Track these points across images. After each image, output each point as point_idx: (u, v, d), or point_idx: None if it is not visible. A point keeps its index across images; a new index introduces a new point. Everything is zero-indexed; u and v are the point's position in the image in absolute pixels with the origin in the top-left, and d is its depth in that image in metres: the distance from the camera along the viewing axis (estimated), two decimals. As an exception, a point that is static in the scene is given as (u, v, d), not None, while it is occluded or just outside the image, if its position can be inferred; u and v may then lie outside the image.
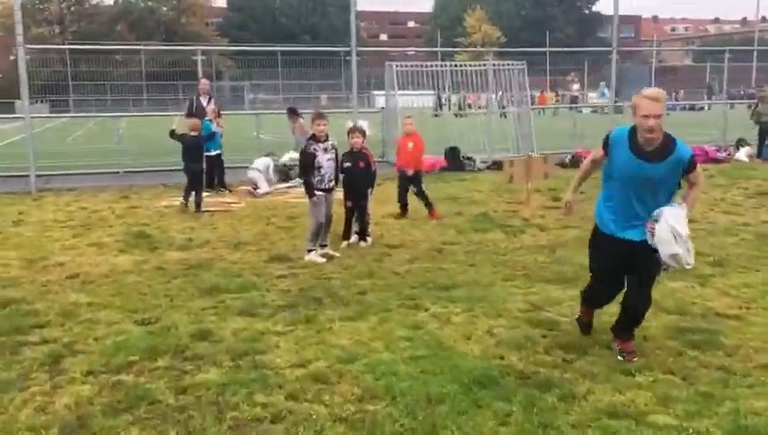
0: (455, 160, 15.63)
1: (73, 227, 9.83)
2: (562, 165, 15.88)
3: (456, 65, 17.23)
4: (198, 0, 72.82)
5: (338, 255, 7.93)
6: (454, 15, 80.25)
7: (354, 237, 8.64)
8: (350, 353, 5.03)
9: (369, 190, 8.75)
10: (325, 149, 7.91)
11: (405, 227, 9.49)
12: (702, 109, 44.62)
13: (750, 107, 19.21)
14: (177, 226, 9.89)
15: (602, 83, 58.50)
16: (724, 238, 8.59)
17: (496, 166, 15.84)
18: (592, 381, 4.54)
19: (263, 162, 13.32)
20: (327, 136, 7.96)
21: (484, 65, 17.35)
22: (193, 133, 11.41)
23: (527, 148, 17.35)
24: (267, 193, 12.83)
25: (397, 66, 16.76)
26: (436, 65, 17.44)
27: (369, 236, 8.63)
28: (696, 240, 8.49)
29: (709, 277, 6.87)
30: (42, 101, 43.73)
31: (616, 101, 20.03)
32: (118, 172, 15.81)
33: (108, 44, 48.08)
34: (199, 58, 14.55)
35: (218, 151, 13.03)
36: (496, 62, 17.25)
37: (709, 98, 50.73)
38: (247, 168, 13.52)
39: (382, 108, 18.27)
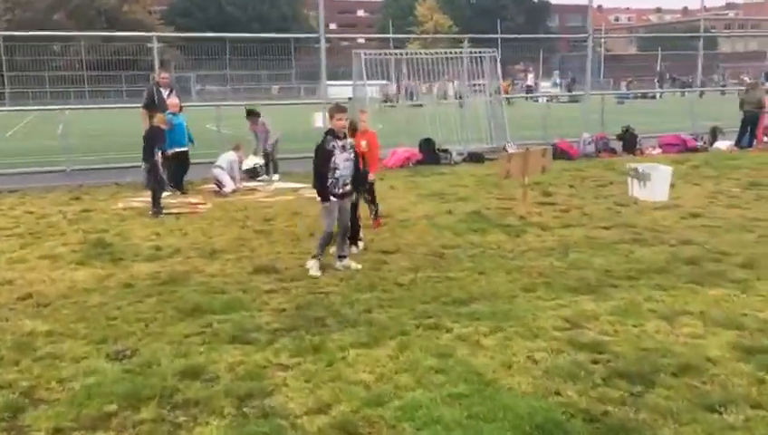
0: (430, 153, 14.85)
1: (20, 236, 8.70)
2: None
3: (429, 53, 16.39)
4: (141, -13, 70.21)
5: (359, 266, 6.99)
6: (404, 4, 79.47)
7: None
8: (377, 393, 4.20)
9: (360, 189, 7.84)
10: (343, 147, 6.89)
11: (395, 228, 8.67)
12: (653, 97, 45.01)
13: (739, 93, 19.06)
14: (141, 231, 8.86)
15: (556, 72, 58.96)
16: (741, 235, 8.03)
17: (472, 158, 15.18)
18: (675, 422, 3.81)
19: (226, 158, 12.29)
20: (346, 133, 6.99)
21: (460, 53, 16.57)
22: (163, 126, 10.38)
23: (501, 138, 16.72)
24: (234, 191, 11.85)
25: (366, 54, 15.86)
26: (408, 53, 16.56)
27: (360, 240, 7.79)
28: (714, 238, 8.07)
29: (746, 282, 6.26)
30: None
31: (569, 89, 19.52)
32: (65, 170, 14.53)
33: (47, 33, 45.74)
34: (155, 46, 13.33)
35: (187, 147, 11.97)
36: (473, 50, 16.49)
37: (660, 86, 51.20)
38: (210, 164, 12.50)
39: (350, 98, 17.34)
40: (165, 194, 11.52)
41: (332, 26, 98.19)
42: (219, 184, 11.92)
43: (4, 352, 4.93)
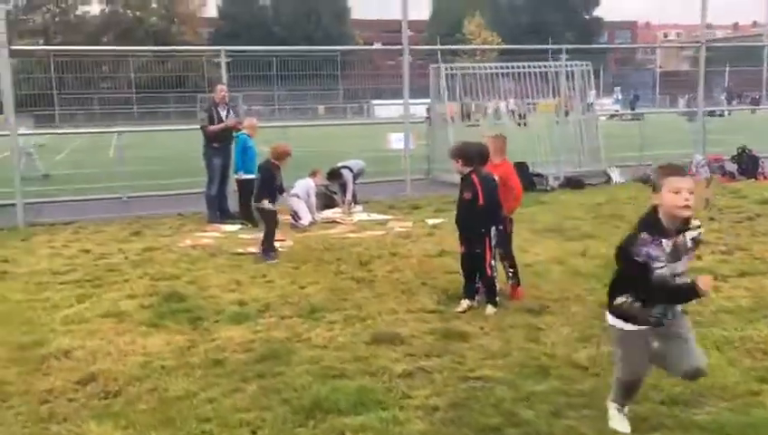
0: (524, 178, 13.16)
1: (78, 283, 7.32)
2: (645, 180, 13.53)
3: (517, 66, 14.80)
4: (189, 9, 70.35)
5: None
6: (451, 22, 78.11)
7: (476, 299, 6.21)
8: None
9: (483, 231, 6.27)
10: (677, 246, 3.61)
11: (527, 276, 7.01)
12: (721, 115, 42.61)
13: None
14: (217, 278, 7.41)
15: (617, 88, 56.87)
16: None
17: (570, 184, 13.51)
18: None
19: (303, 186, 10.84)
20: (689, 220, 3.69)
21: (553, 66, 14.97)
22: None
23: (595, 161, 15.03)
24: (312, 223, 10.39)
25: (446, 69, 14.37)
26: (493, 66, 14.99)
27: (493, 301, 6.16)
28: None
29: None
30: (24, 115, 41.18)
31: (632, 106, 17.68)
32: (120, 198, 13.29)
33: (96, 51, 45.59)
34: (223, 61, 11.97)
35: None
36: (568, 63, 14.87)
37: (729, 102, 48.73)
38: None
39: (427, 117, 15.86)
40: (233, 228, 10.17)
41: (377, 45, 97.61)
42: (295, 216, 10.47)
43: (64, 485, 3.46)
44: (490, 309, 6.02)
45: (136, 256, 8.62)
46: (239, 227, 10.34)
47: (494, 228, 6.25)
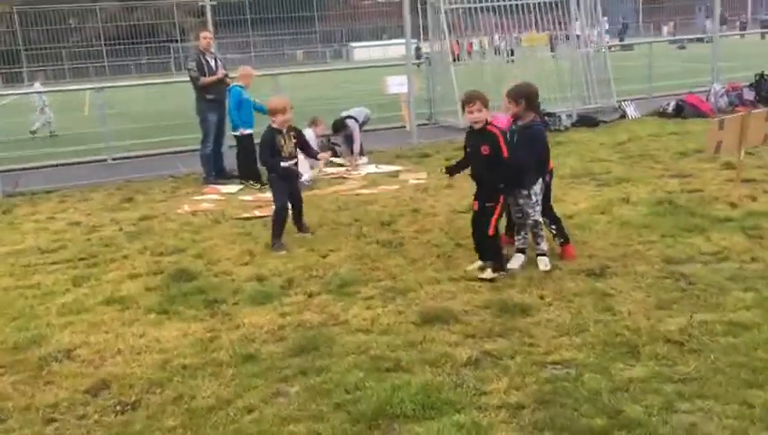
0: (535, 119, 12.41)
1: (71, 263, 6.54)
2: (664, 114, 12.85)
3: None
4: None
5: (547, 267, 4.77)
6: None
7: (478, 263, 5.58)
8: None
9: (501, 187, 5.45)
10: None
11: (570, 230, 6.34)
12: (710, 41, 41.59)
13: None
14: (227, 249, 6.65)
15: (604, 19, 55.48)
16: None
17: (583, 122, 12.74)
18: None
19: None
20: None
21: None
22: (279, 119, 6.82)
23: (606, 96, 14.26)
24: (314, 180, 9.58)
25: (446, 5, 13.38)
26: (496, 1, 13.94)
27: (496, 266, 5.44)
28: None
29: None
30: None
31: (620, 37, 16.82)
32: (105, 160, 12.37)
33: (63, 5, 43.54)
34: (207, 3, 10.95)
35: (253, 129, 9.71)
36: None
37: (721, 26, 47.63)
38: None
39: (427, 57, 14.92)
40: (232, 188, 9.37)
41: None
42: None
43: None
44: (488, 273, 5.36)
45: (131, 226, 7.82)
46: (239, 187, 9.53)
47: (540, 181, 5.56)
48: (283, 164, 6.64)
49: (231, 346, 4.45)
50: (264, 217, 7.80)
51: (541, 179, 5.61)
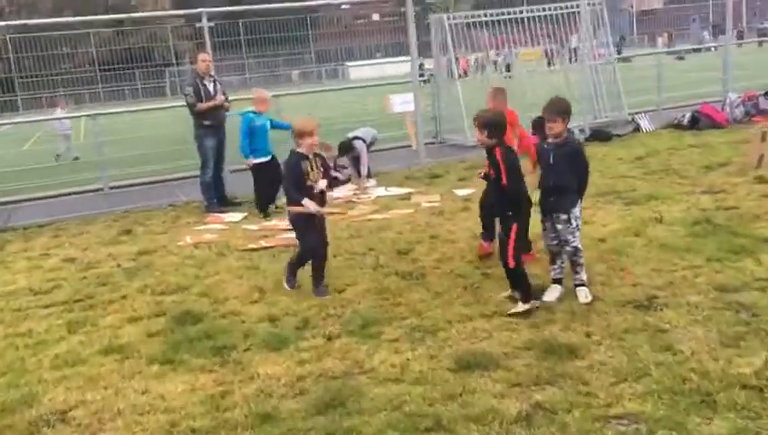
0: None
1: (65, 306, 6.03)
2: (679, 126, 12.43)
3: (535, 10, 13.48)
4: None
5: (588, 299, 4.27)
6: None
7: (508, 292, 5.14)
8: None
9: (509, 214, 5.01)
10: None
11: (603, 252, 5.86)
12: (709, 50, 41.42)
13: None
14: (234, 285, 6.16)
15: (600, 31, 55.31)
16: None
17: (596, 137, 12.32)
18: None
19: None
20: None
21: (577, 6, 13.61)
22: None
23: (617, 108, 13.85)
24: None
25: (449, 20, 12.99)
26: (506, 12, 13.53)
27: (524, 298, 4.99)
28: None
29: None
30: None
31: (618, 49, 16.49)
32: (101, 190, 11.89)
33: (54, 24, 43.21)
34: (205, 25, 10.50)
35: (270, 156, 9.22)
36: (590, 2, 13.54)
37: (715, 37, 47.55)
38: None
39: (431, 75, 14.50)
40: (236, 216, 8.89)
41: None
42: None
43: None
44: (520, 306, 4.91)
45: (130, 261, 7.32)
46: (243, 214, 9.05)
47: (580, 204, 5.11)
48: (307, 206, 5.67)
49: (246, 403, 3.94)
50: (270, 247, 7.33)
51: (580, 201, 5.17)
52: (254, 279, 6.30)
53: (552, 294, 5.14)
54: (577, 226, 5.09)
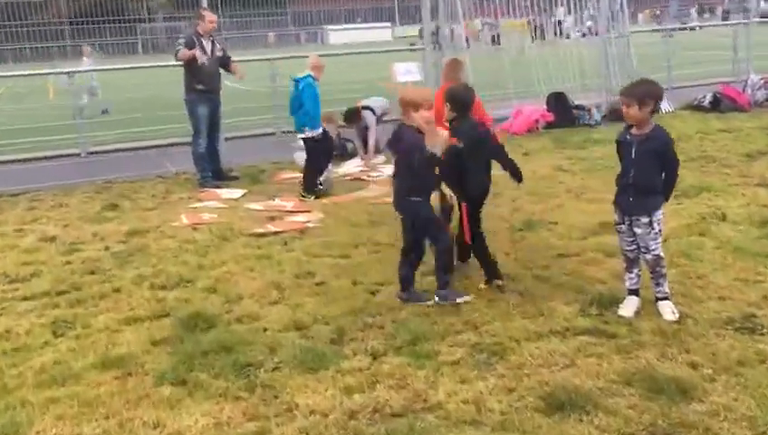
0: (563, 112, 11.25)
1: (48, 299, 5.15)
2: (699, 108, 11.76)
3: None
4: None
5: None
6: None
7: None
8: None
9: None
10: None
11: (673, 258, 5.15)
12: (694, 29, 40.87)
13: None
14: (246, 281, 5.32)
15: (590, 3, 54.48)
16: None
17: (615, 117, 11.56)
18: None
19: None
20: None
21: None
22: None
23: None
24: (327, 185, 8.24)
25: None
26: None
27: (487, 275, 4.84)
28: None
29: None
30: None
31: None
32: (78, 155, 10.87)
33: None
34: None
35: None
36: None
37: (700, 16, 47.03)
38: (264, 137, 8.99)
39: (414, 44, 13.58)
40: (234, 193, 8.05)
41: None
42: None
43: None
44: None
45: (120, 244, 6.43)
46: (243, 191, 8.17)
47: (660, 211, 4.36)
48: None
49: (291, 453, 3.15)
50: (281, 232, 6.49)
51: (665, 203, 4.43)
52: (268, 272, 5.47)
53: (630, 307, 4.41)
54: (659, 230, 4.34)
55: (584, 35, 18.58)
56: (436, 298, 4.68)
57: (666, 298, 4.37)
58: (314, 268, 5.49)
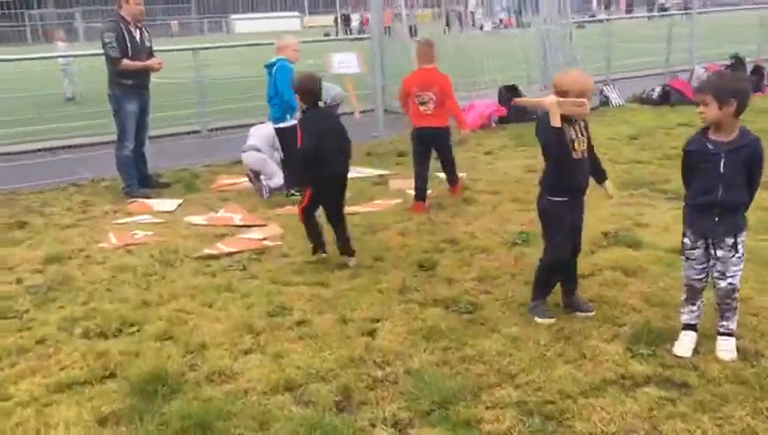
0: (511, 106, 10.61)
1: (16, 337, 3.99)
2: (648, 101, 11.42)
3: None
4: None
5: None
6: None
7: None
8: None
9: None
10: None
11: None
12: (602, 21, 41.65)
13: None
14: (207, 320, 4.29)
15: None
16: None
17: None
18: None
19: (262, 134, 7.59)
20: None
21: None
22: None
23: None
24: (279, 188, 7.26)
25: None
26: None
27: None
28: None
29: None
30: None
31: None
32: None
33: None
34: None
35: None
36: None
37: (604, 9, 48.05)
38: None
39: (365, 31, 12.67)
40: (167, 204, 6.96)
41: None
42: (256, 178, 7.31)
43: None
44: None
45: (36, 273, 5.25)
46: (177, 202, 7.05)
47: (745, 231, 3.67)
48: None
49: None
50: (235, 253, 5.48)
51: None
52: (232, 309, 4.47)
53: (687, 345, 3.71)
54: (743, 254, 3.65)
55: (496, 27, 18.31)
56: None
57: (730, 335, 3.70)
58: (288, 302, 4.54)
